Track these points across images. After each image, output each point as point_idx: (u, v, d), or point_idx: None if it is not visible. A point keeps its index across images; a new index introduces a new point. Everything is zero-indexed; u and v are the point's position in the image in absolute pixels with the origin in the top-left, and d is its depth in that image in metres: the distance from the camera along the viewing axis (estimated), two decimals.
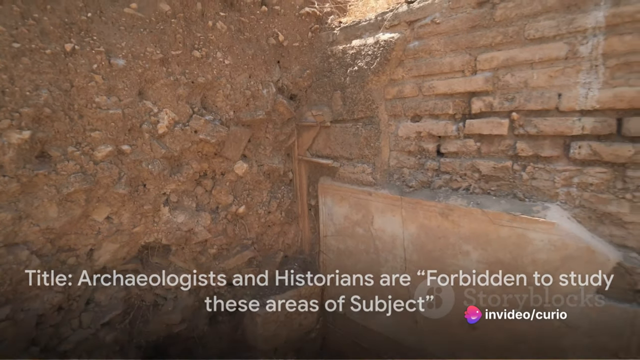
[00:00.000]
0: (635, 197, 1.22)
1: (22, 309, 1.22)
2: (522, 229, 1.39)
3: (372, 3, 2.16)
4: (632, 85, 1.17)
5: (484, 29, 1.46)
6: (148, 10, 1.42)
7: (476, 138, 1.56)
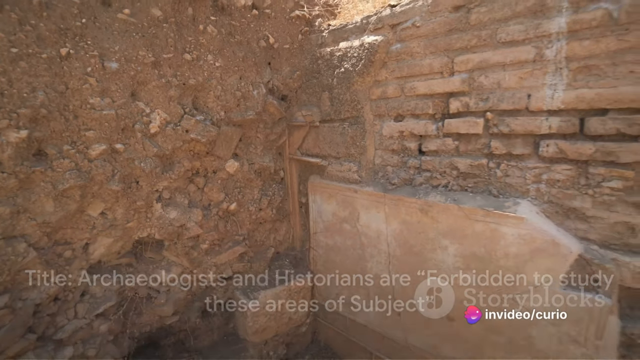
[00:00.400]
0: (597, 193, 1.29)
1: (20, 298, 1.29)
2: (495, 224, 1.46)
3: (361, 6, 2.23)
4: (591, 87, 1.24)
5: (460, 32, 1.54)
6: (140, 15, 1.50)
7: (454, 137, 1.64)
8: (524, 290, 1.43)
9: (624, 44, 1.17)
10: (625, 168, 1.23)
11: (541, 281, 1.38)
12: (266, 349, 2.14)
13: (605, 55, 1.21)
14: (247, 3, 1.92)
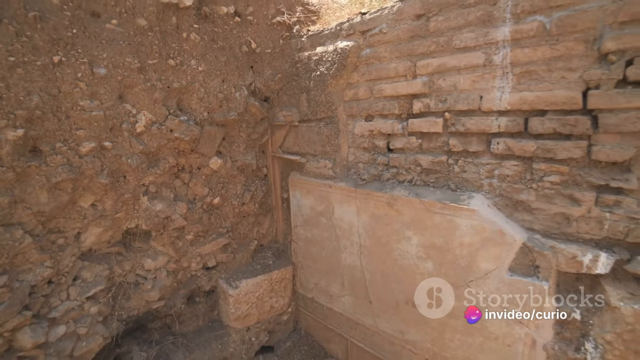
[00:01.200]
0: (539, 187, 1.41)
1: (17, 279, 1.44)
2: (451, 216, 1.58)
3: (338, 12, 2.37)
4: (532, 90, 1.36)
5: (421, 38, 1.66)
6: (127, 25, 1.64)
7: (418, 135, 1.76)
8: (477, 276, 1.55)
9: (556, 53, 1.29)
10: (561, 164, 1.35)
11: (490, 268, 1.50)
12: (248, 335, 2.28)
13: (542, 62, 1.33)
14: (230, 11, 2.06)
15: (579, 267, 1.31)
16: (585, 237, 1.33)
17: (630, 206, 1.22)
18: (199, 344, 2.10)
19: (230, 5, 2.06)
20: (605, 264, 1.26)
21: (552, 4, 1.28)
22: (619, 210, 1.24)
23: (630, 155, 1.20)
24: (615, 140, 1.22)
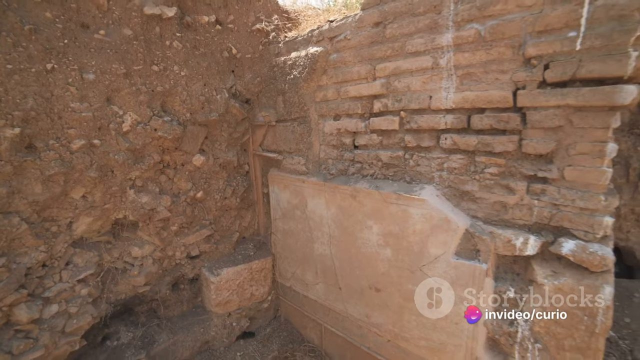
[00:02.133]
0: (481, 178, 1.55)
1: (15, 261, 1.62)
2: (405, 206, 1.73)
3: (315, 19, 2.53)
4: (472, 90, 1.50)
5: (379, 44, 1.81)
6: (114, 35, 1.82)
7: (378, 133, 1.91)
8: (428, 261, 1.69)
9: (490, 56, 1.43)
10: (498, 157, 1.49)
11: (439, 253, 1.64)
12: (229, 320, 2.44)
13: (479, 65, 1.47)
14: (211, 20, 2.24)
15: (512, 250, 1.45)
16: (519, 222, 1.47)
17: (553, 194, 1.36)
18: (182, 327, 2.26)
19: (212, 14, 2.24)
20: (534, 246, 1.39)
21: (485, 14, 1.42)
22: (545, 197, 1.38)
23: (551, 148, 1.33)
24: (540, 135, 1.36)
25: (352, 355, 2.21)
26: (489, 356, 1.57)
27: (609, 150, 1.24)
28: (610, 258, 1.25)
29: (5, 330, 1.59)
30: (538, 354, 1.45)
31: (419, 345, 1.82)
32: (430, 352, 1.78)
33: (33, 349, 1.62)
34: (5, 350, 1.55)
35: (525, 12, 1.33)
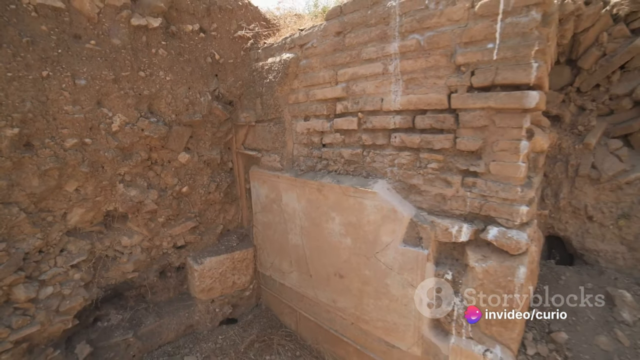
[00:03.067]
0: (425, 173, 1.72)
1: (14, 246, 1.84)
2: (360, 198, 1.91)
3: (293, 26, 2.72)
4: (415, 94, 1.68)
5: (340, 51, 1.99)
6: (103, 44, 2.04)
7: (341, 132, 2.09)
8: (381, 248, 1.87)
9: (429, 63, 1.61)
10: (437, 153, 1.66)
11: (389, 240, 1.81)
12: (213, 306, 2.64)
13: (421, 71, 1.65)
14: (195, 28, 2.45)
15: (449, 237, 1.62)
16: (455, 212, 1.64)
17: (481, 186, 1.53)
18: (168, 311, 2.47)
19: (196, 23, 2.45)
20: (466, 233, 1.56)
21: (424, 26, 1.60)
22: (475, 189, 1.55)
23: (479, 145, 1.51)
24: (470, 133, 1.54)
25: (323, 338, 2.40)
26: (433, 333, 1.74)
27: (522, 147, 1.41)
28: (524, 242, 1.42)
29: (6, 308, 1.81)
30: (471, 329, 1.62)
31: (376, 327, 1.99)
32: (385, 332, 1.96)
33: (30, 325, 1.84)
34: (6, 325, 1.76)
35: (454, 25, 1.51)
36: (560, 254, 2.25)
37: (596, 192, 2.06)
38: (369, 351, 2.08)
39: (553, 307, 1.71)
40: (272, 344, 2.50)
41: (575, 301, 1.71)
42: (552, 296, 1.73)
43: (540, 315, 1.63)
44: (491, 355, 1.55)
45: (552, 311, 1.65)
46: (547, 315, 1.64)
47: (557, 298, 1.71)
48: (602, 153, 2.08)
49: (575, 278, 1.88)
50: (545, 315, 1.64)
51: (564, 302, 1.70)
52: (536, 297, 1.78)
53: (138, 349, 2.24)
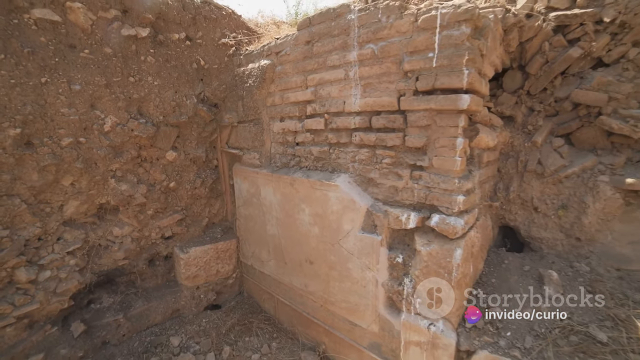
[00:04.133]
0: (380, 167, 1.92)
1: (16, 234, 2.05)
2: (325, 191, 2.12)
3: (273, 34, 2.94)
4: (371, 97, 1.88)
5: (309, 59, 2.21)
6: (96, 53, 2.26)
7: (311, 132, 2.30)
8: (343, 235, 2.07)
9: (382, 70, 1.82)
10: (390, 150, 1.87)
11: (349, 228, 2.02)
12: (197, 293, 2.85)
13: (375, 77, 1.86)
14: (181, 36, 2.66)
15: (400, 224, 1.82)
16: (406, 202, 1.85)
17: (426, 178, 1.73)
18: (156, 296, 2.68)
19: (182, 32, 2.67)
20: (414, 220, 1.77)
21: (377, 37, 1.81)
22: (421, 181, 1.76)
23: (424, 142, 1.71)
24: (416, 132, 1.74)
25: (297, 320, 2.60)
26: (387, 311, 1.95)
27: (458, 144, 1.61)
28: (460, 227, 1.62)
29: (9, 287, 2.02)
30: (418, 306, 1.82)
31: (341, 307, 2.20)
32: (349, 312, 2.16)
33: (30, 303, 2.06)
34: (9, 302, 1.98)
35: (402, 36, 1.71)
36: (512, 242, 2.44)
37: (541, 186, 2.25)
38: (336, 330, 2.28)
39: (493, 286, 1.91)
40: (251, 327, 2.71)
41: (510, 280, 1.91)
42: (493, 277, 1.93)
43: (480, 294, 1.83)
44: (434, 329, 1.75)
45: (493, 291, 1.85)
46: (487, 293, 1.84)
47: (497, 279, 1.91)
48: (547, 150, 2.28)
49: (517, 262, 2.07)
50: (485, 293, 1.84)
51: (502, 282, 1.89)
52: (480, 279, 1.98)
53: (127, 329, 2.45)
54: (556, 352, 1.57)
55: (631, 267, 1.93)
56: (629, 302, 1.76)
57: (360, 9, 1.88)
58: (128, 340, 2.44)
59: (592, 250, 2.10)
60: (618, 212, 2.00)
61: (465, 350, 1.72)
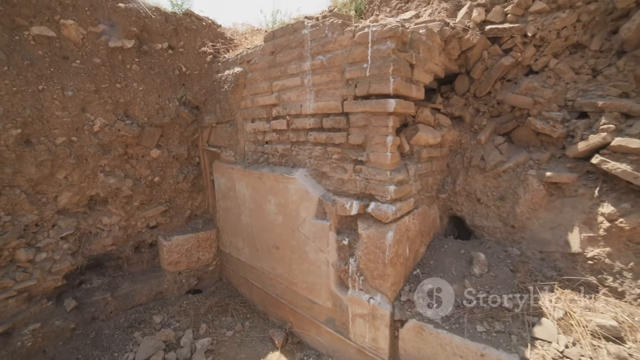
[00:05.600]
0: (331, 162, 2.20)
1: (17, 220, 2.36)
2: (286, 183, 2.40)
3: (247, 43, 3.23)
4: (322, 101, 2.17)
5: (273, 67, 2.49)
6: (87, 63, 2.56)
7: (276, 132, 2.59)
8: (301, 222, 2.36)
9: (330, 78, 2.10)
10: (337, 147, 2.15)
11: (305, 215, 2.30)
12: (179, 278, 3.14)
13: (325, 84, 2.14)
14: (164, 46, 2.97)
15: (345, 211, 2.10)
16: (350, 192, 2.13)
17: (365, 171, 2.01)
18: (141, 279, 2.98)
19: (165, 42, 2.97)
20: (356, 207, 2.04)
21: (325, 50, 2.09)
22: (362, 174, 2.04)
23: (362, 140, 1.99)
24: (357, 131, 2.02)
25: (268, 302, 2.89)
26: (338, 289, 2.23)
27: (389, 141, 1.89)
28: (391, 213, 1.89)
29: (11, 265, 2.33)
30: (361, 283, 2.09)
31: (302, 287, 2.48)
32: (308, 291, 2.44)
33: (29, 279, 2.36)
34: (11, 277, 2.28)
35: (344, 49, 2.00)
36: (461, 230, 2.71)
37: (483, 179, 2.52)
38: (299, 309, 2.56)
39: (430, 267, 2.18)
40: (228, 308, 3.00)
41: (445, 262, 2.19)
42: (432, 260, 2.20)
43: (419, 273, 2.11)
44: (373, 301, 2.03)
45: (430, 271, 2.13)
46: (424, 272, 2.11)
47: (435, 261, 2.18)
48: (490, 147, 2.55)
49: (455, 247, 2.34)
50: (423, 273, 2.12)
51: (438, 263, 2.17)
52: (422, 261, 2.25)
53: (114, 306, 2.75)
54: (470, 318, 1.84)
55: (550, 249, 2.20)
56: (541, 277, 2.03)
57: (312, 25, 2.16)
58: (115, 317, 2.74)
59: (523, 236, 2.37)
60: (543, 202, 2.26)
61: (398, 320, 1.99)
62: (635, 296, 1.86)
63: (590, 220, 2.05)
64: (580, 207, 2.13)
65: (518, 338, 1.70)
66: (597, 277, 1.99)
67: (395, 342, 2.02)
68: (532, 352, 1.61)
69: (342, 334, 2.27)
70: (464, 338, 1.72)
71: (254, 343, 2.65)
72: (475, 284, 1.99)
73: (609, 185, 2.05)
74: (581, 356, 1.57)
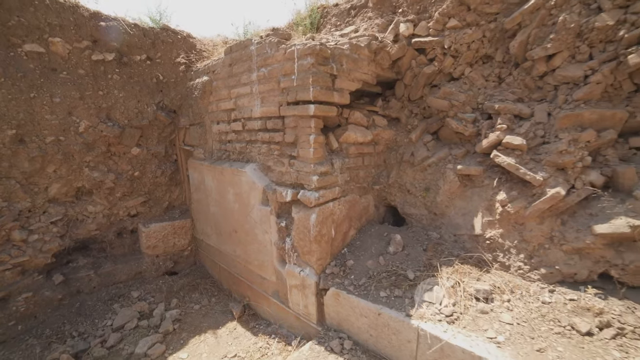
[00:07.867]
0: (274, 157, 2.60)
1: (12, 206, 2.80)
2: (239, 176, 2.81)
3: (216, 54, 3.64)
4: (266, 106, 2.56)
5: (231, 77, 2.90)
6: (73, 74, 3.00)
7: (235, 132, 3.00)
8: (251, 209, 2.76)
9: (270, 87, 2.50)
10: (277, 145, 2.55)
11: (254, 203, 2.70)
12: (157, 260, 3.57)
13: (267, 92, 2.54)
14: (142, 57, 3.39)
15: (282, 198, 2.50)
16: (287, 182, 2.53)
17: (296, 165, 2.40)
18: (122, 261, 3.40)
19: (143, 54, 3.39)
20: (289, 195, 2.44)
21: (266, 63, 2.49)
22: (294, 167, 2.43)
23: (294, 139, 2.39)
24: (290, 131, 2.42)
25: (231, 281, 3.30)
26: (279, 265, 2.62)
27: (312, 139, 2.28)
28: (314, 199, 2.28)
29: (7, 244, 2.77)
30: (295, 259, 2.49)
31: (255, 265, 2.88)
32: (259, 269, 2.84)
33: (22, 256, 2.79)
34: (7, 253, 2.72)
35: (279, 64, 2.40)
36: (397, 218, 3.09)
37: (412, 173, 2.90)
38: (254, 285, 2.97)
39: (356, 247, 2.57)
40: (198, 287, 3.41)
41: (368, 242, 2.57)
42: (359, 241, 2.59)
43: (346, 251, 2.50)
44: (303, 273, 2.42)
45: (354, 249, 2.51)
46: (350, 251, 2.51)
47: (360, 242, 2.57)
48: (419, 144, 2.92)
49: (380, 230, 2.73)
50: (349, 251, 2.51)
51: (363, 243, 2.56)
52: (350, 242, 2.64)
53: (97, 282, 3.18)
54: (377, 286, 2.22)
55: (461, 232, 2.57)
56: (447, 255, 2.41)
57: (257, 42, 2.57)
58: (97, 291, 3.17)
59: (442, 222, 2.74)
60: (458, 191, 2.64)
61: (323, 289, 2.38)
62: (517, 268, 2.23)
63: (490, 206, 2.42)
64: (484, 196, 2.50)
65: (410, 301, 2.08)
66: (492, 254, 2.36)
67: (322, 308, 2.41)
68: (417, 311, 1.99)
69: (284, 304, 2.67)
70: (367, 301, 2.11)
71: (217, 315, 3.06)
72: (389, 260, 2.38)
73: (506, 177, 2.42)
74: (454, 312, 1.95)
